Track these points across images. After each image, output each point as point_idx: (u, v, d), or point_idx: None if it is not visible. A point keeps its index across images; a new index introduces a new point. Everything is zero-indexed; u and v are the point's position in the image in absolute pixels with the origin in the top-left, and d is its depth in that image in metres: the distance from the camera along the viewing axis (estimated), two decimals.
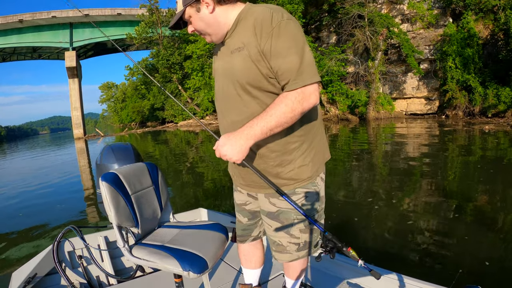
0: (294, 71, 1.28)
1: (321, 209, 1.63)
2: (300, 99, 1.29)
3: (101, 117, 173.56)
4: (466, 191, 5.50)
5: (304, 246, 1.60)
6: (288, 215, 1.57)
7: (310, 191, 1.54)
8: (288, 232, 1.58)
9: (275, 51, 1.28)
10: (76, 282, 2.41)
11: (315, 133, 1.53)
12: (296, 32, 1.30)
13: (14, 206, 7.34)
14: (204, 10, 1.38)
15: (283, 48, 1.28)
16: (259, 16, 1.31)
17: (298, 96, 1.28)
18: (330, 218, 4.75)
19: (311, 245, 1.62)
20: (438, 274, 2.98)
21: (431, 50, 20.38)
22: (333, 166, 8.61)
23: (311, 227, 1.59)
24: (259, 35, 1.30)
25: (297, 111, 1.30)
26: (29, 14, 38.15)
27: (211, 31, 1.44)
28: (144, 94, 58.63)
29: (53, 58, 54.02)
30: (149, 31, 38.79)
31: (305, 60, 1.29)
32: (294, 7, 22.91)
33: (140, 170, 2.11)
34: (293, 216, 1.56)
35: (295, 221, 1.56)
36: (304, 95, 1.29)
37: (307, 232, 1.59)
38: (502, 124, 14.66)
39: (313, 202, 1.57)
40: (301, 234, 1.58)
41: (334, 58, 22.62)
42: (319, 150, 1.55)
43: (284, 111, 1.29)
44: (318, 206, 1.59)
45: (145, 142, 25.07)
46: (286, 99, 1.29)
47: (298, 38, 1.30)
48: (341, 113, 23.59)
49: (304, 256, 1.63)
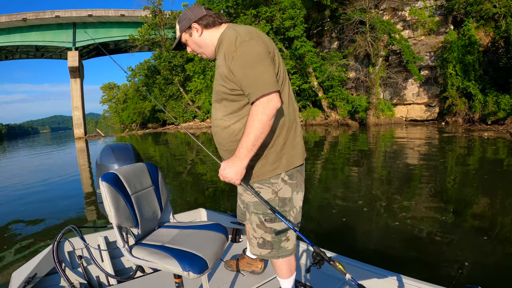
0: (252, 85, 1.50)
1: (282, 210, 1.74)
2: (262, 109, 1.49)
3: (102, 117, 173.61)
4: (465, 195, 5.56)
5: (264, 244, 1.77)
6: (249, 208, 1.79)
7: (263, 188, 1.71)
8: (251, 224, 1.80)
9: (236, 69, 1.53)
10: (76, 282, 2.41)
11: (278, 138, 1.68)
12: (254, 50, 1.51)
13: (14, 206, 7.32)
14: (195, 34, 1.72)
15: (242, 66, 1.51)
16: (226, 39, 1.60)
17: (259, 107, 1.50)
18: (331, 220, 4.80)
19: (273, 246, 1.76)
20: (438, 274, 2.99)
21: (431, 57, 20.46)
22: (332, 170, 8.68)
23: (269, 226, 1.74)
24: (226, 56, 1.56)
25: (264, 120, 1.50)
26: (33, 13, 38.34)
27: (203, 51, 1.77)
28: (145, 95, 58.78)
29: (56, 58, 54.14)
30: (151, 33, 38.93)
31: (260, 74, 1.49)
32: (296, 12, 23.04)
33: (140, 170, 2.11)
34: (252, 208, 1.77)
35: (253, 214, 1.77)
36: (263, 104, 1.49)
37: (262, 228, 1.75)
38: (502, 131, 14.69)
39: (270, 200, 1.72)
40: (258, 229, 1.77)
41: (335, 64, 22.72)
42: (282, 153, 1.70)
43: (256, 126, 1.51)
44: (276, 205, 1.73)
45: (146, 143, 25.12)
46: (252, 115, 1.52)
47: (255, 56, 1.51)
48: (341, 118, 23.66)
49: (267, 255, 1.78)
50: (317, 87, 24.40)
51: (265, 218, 1.73)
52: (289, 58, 24.47)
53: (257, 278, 2.35)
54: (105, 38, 43.20)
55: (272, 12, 23.72)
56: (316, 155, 11.41)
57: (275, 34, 24.78)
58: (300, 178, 1.82)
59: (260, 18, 24.71)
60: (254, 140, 1.53)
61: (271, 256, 1.79)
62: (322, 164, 9.69)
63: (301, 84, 24.80)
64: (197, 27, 1.70)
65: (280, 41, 24.75)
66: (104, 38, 43.17)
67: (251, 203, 1.77)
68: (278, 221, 1.72)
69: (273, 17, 24.41)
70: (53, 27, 40.49)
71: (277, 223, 1.73)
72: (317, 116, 25.32)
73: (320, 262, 1.53)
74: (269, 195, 1.71)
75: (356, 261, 2.22)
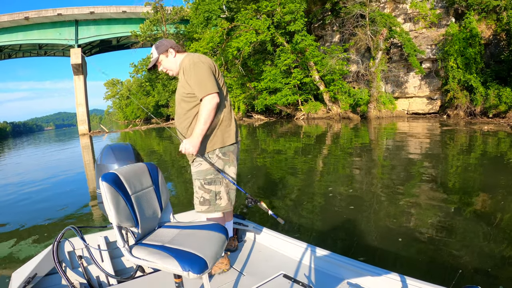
0: (198, 89, 2.35)
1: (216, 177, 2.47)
2: (207, 103, 2.32)
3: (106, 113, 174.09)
4: (465, 192, 5.51)
5: (204, 202, 2.50)
6: (194, 175, 2.54)
7: (202, 160, 2.46)
8: (195, 188, 2.54)
9: (190, 81, 2.38)
10: (76, 282, 2.42)
11: (216, 125, 2.46)
12: (200, 69, 2.35)
13: (14, 206, 7.30)
14: (171, 55, 2.55)
15: (194, 79, 2.35)
16: (184, 63, 2.44)
17: (204, 102, 2.33)
18: (331, 215, 4.90)
19: (210, 203, 2.49)
20: (438, 274, 2.99)
21: (433, 50, 20.39)
22: (334, 164, 8.78)
23: (207, 187, 2.47)
24: (185, 74, 2.41)
25: (210, 109, 2.31)
26: (35, 12, 38.35)
27: (173, 68, 2.58)
28: (149, 91, 58.93)
29: (59, 55, 54.26)
30: (153, 28, 38.90)
31: (204, 82, 2.32)
32: (296, 6, 23.01)
33: (140, 170, 2.12)
34: (195, 176, 2.53)
35: (196, 180, 2.52)
36: (207, 100, 2.32)
37: (202, 189, 2.49)
38: (503, 124, 14.67)
39: (207, 169, 2.46)
40: (199, 190, 2.51)
41: (336, 57, 22.72)
42: (218, 135, 2.48)
43: (204, 114, 2.32)
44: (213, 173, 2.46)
45: (150, 138, 25.27)
46: (201, 107, 2.35)
47: (201, 72, 2.34)
48: (343, 112, 23.69)
49: (207, 211, 2.51)
50: (319, 81, 24.41)
51: (204, 182, 2.47)
52: (290, 52, 24.47)
53: (257, 278, 2.33)
54: (107, 35, 43.25)
55: (272, 6, 23.68)
56: (318, 149, 11.54)
57: (276, 28, 24.74)
58: (233, 156, 2.56)
59: (261, 13, 24.68)
60: (204, 123, 2.31)
61: (210, 211, 2.50)
62: (323, 157, 9.81)
63: (303, 78, 24.80)
64: (172, 51, 2.54)
65: (281, 35, 24.72)
66: (107, 35, 43.22)
67: (194, 172, 2.51)
68: (213, 185, 2.46)
69: (273, 12, 24.38)
70: (55, 25, 40.51)
71: (212, 185, 2.47)
72: (319, 110, 25.36)
73: (252, 203, 2.37)
74: (207, 166, 2.45)
75: (356, 261, 2.23)
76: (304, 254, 2.55)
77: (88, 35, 41.87)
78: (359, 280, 2.13)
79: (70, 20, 40.62)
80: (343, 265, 2.23)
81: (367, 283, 2.07)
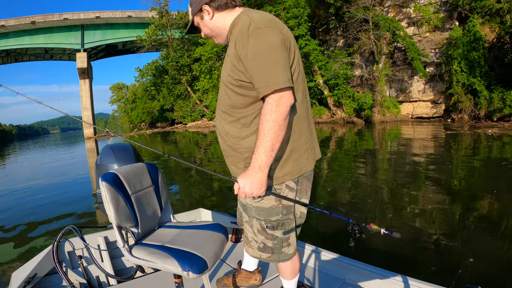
0: (262, 78, 1.35)
1: (286, 218, 1.64)
2: (274, 107, 1.34)
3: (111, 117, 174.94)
4: (467, 193, 5.54)
5: (265, 248, 1.68)
6: (250, 211, 1.68)
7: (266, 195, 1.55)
8: (252, 228, 1.70)
9: (246, 59, 1.37)
10: (76, 282, 2.39)
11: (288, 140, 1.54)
12: (268, 40, 1.35)
13: (14, 206, 7.32)
14: (206, 17, 1.59)
15: (253, 61, 1.36)
16: (239, 26, 1.44)
17: (271, 104, 1.34)
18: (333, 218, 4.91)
19: (273, 251, 1.68)
20: (438, 274, 2.97)
21: (437, 54, 20.39)
22: (338, 166, 8.80)
23: (271, 233, 1.65)
24: (237, 44, 1.41)
25: (279, 119, 1.34)
26: (41, 16, 38.88)
27: (215, 34, 1.64)
28: (154, 95, 59.21)
29: (65, 59, 54.87)
30: (159, 33, 39.24)
31: (273, 67, 1.34)
32: (300, 10, 23.13)
33: (140, 170, 2.10)
34: (254, 213, 1.66)
35: (254, 219, 1.66)
36: (275, 101, 1.34)
37: (264, 234, 1.66)
38: (507, 128, 14.58)
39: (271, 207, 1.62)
40: (259, 234, 1.68)
41: (340, 62, 22.79)
42: (292, 158, 1.56)
43: (270, 127, 1.34)
44: (280, 212, 1.63)
45: (155, 142, 25.36)
46: (264, 115, 1.36)
47: (269, 47, 1.35)
48: (347, 116, 23.71)
49: (267, 259, 1.71)
50: (323, 85, 24.47)
51: (267, 225, 1.63)
52: None
53: None
54: (113, 39, 43.67)
55: (276, 11, 23.83)
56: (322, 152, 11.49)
57: None
58: (307, 184, 1.70)
59: None
60: (272, 144, 1.36)
61: (272, 260, 1.71)
62: (328, 161, 9.83)
63: (307, 83, 24.76)
64: (208, 9, 1.56)
65: None
66: (112, 39, 43.64)
67: (253, 208, 1.64)
68: (279, 229, 1.64)
69: (277, 16, 24.52)
70: (62, 29, 41.05)
71: (279, 230, 1.64)
72: (323, 114, 25.40)
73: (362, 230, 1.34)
74: (272, 202, 1.59)
75: (356, 261, 2.22)
76: (304, 254, 2.53)
77: (94, 40, 42.32)
78: (359, 280, 2.12)
79: (76, 24, 41.11)
80: (343, 265, 2.22)
81: (367, 283, 2.07)
